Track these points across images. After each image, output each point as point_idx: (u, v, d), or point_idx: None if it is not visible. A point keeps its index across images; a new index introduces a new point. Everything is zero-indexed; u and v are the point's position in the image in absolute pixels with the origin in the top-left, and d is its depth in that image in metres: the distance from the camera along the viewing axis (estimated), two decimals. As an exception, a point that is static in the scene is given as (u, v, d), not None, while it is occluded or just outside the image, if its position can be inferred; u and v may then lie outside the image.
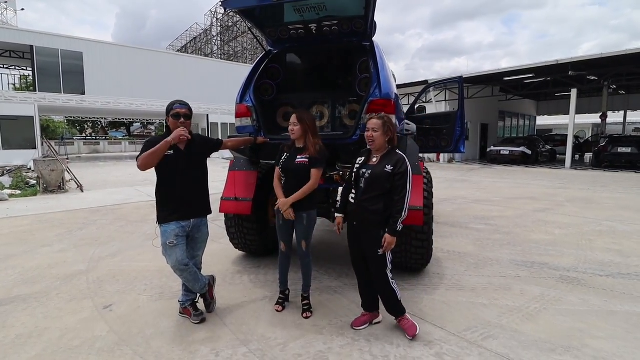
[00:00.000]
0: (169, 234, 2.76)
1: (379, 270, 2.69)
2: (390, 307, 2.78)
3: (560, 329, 2.79)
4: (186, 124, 2.84)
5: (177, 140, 2.73)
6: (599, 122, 19.83)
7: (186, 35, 48.42)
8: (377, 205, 2.60)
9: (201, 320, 2.96)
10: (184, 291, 3.03)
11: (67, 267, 4.23)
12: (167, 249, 2.78)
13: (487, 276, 3.89)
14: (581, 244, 5.06)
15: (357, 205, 2.69)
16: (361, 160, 2.77)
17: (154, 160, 2.68)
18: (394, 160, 2.60)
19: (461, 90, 4.53)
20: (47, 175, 10.00)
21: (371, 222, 2.63)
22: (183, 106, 2.85)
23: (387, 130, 2.65)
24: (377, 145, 2.68)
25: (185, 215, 2.84)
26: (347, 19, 3.58)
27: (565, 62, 15.36)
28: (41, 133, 21.46)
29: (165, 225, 2.79)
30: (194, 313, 2.98)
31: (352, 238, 2.81)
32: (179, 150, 2.82)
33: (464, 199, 8.78)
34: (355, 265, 2.90)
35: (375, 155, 2.72)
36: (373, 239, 2.63)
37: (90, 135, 43.67)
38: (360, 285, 2.94)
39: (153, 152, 2.64)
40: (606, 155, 16.22)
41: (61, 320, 3.02)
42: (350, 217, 2.79)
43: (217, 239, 5.22)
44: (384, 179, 2.58)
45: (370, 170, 2.65)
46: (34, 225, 6.33)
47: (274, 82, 4.19)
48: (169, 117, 2.82)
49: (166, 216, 2.80)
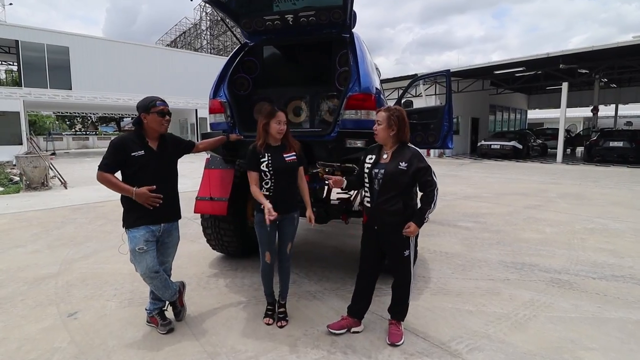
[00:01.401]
0: (138, 240, 2.57)
1: (406, 273, 2.60)
2: (400, 310, 2.67)
3: (551, 339, 2.63)
4: (169, 122, 2.67)
5: (145, 203, 2.56)
6: (591, 115, 19.87)
7: (175, 29, 47.80)
8: (396, 206, 2.46)
9: (169, 330, 2.77)
10: (152, 299, 2.84)
11: (37, 270, 4.04)
12: (136, 256, 2.58)
13: (474, 279, 3.73)
14: (573, 243, 4.93)
15: (376, 209, 2.52)
16: (371, 158, 2.59)
17: (113, 191, 2.58)
18: (408, 156, 2.46)
19: (448, 84, 4.35)
20: (30, 172, 9.78)
21: (394, 224, 2.50)
22: (165, 103, 2.67)
23: (392, 124, 2.47)
24: (381, 139, 2.54)
25: (156, 220, 2.65)
26: (325, 9, 3.38)
27: (556, 55, 15.27)
28: (29, 128, 21.11)
29: (133, 230, 2.60)
30: (161, 322, 2.78)
31: (370, 241, 2.66)
32: (151, 150, 2.63)
33: (453, 195, 8.65)
34: (363, 267, 2.74)
35: (386, 152, 2.55)
36: (399, 240, 2.52)
37: (80, 131, 43.05)
38: (358, 289, 2.78)
39: (117, 187, 2.54)
40: (598, 150, 16.21)
41: (22, 329, 2.83)
42: (369, 221, 2.62)
43: (196, 238, 5.04)
44: (398, 177, 2.44)
45: (383, 169, 2.48)
46: (12, 224, 6.17)
47: (250, 77, 3.98)
48: (150, 114, 2.58)
49: (134, 220, 2.60)
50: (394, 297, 2.71)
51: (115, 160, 2.55)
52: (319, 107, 3.94)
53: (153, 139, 2.66)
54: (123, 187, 2.53)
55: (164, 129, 2.66)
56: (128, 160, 2.56)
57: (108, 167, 2.53)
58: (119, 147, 2.57)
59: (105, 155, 2.56)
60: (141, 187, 2.57)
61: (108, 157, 2.54)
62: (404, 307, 2.68)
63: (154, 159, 2.63)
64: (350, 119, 3.11)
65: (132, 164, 2.57)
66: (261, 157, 2.71)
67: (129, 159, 2.56)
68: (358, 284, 2.77)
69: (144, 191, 2.54)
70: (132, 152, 2.56)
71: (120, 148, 2.56)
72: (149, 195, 2.55)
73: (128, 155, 2.55)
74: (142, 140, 2.62)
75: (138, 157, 2.57)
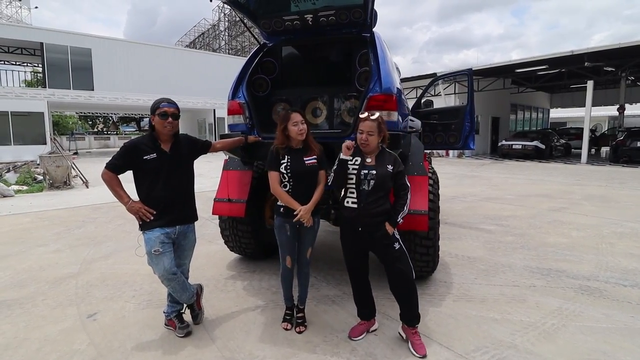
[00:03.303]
0: (154, 242, 2.56)
1: (405, 268, 2.54)
2: (410, 311, 2.58)
3: (581, 351, 2.50)
4: (174, 124, 2.61)
5: (136, 215, 2.58)
6: (616, 114, 19.20)
7: (194, 30, 48.38)
8: (384, 206, 2.53)
9: (186, 333, 2.74)
10: (170, 302, 2.83)
11: (58, 270, 4.10)
12: (153, 258, 2.57)
13: (498, 285, 3.60)
14: (601, 248, 4.72)
15: (363, 210, 2.49)
16: (357, 161, 2.55)
17: (114, 195, 2.60)
18: (392, 159, 2.56)
19: (470, 83, 4.23)
20: (53, 172, 10.03)
21: (378, 223, 2.52)
22: (171, 105, 2.61)
23: (382, 130, 2.53)
24: (372, 148, 2.53)
25: (170, 222, 2.63)
26: (345, 9, 3.31)
27: (580, 53, 14.79)
28: (52, 128, 21.68)
29: (148, 232, 2.58)
30: (179, 325, 2.76)
31: (354, 243, 2.61)
32: (163, 152, 2.60)
33: (473, 197, 8.45)
34: (352, 271, 2.71)
35: (370, 156, 2.57)
36: (384, 235, 2.52)
37: (101, 130, 44.05)
38: (356, 293, 2.74)
39: (114, 191, 2.57)
40: (624, 150, 15.64)
41: (42, 330, 2.86)
42: (353, 223, 2.56)
43: (214, 239, 5.04)
44: (387, 179, 2.51)
45: (375, 171, 2.49)
46: (35, 222, 6.32)
47: (269, 77, 3.94)
48: (155, 116, 2.56)
49: (149, 222, 2.59)
50: (400, 301, 2.61)
51: (124, 162, 2.55)
52: (338, 108, 3.87)
53: (165, 141, 2.63)
54: (120, 193, 2.56)
55: (166, 131, 2.58)
56: (139, 163, 2.55)
57: (115, 167, 2.54)
58: (131, 150, 2.56)
59: (115, 156, 2.56)
60: (154, 190, 2.57)
61: (117, 158, 2.55)
62: (414, 310, 2.57)
63: (167, 161, 2.60)
64: None
65: (144, 168, 2.55)
66: (280, 158, 2.66)
67: (141, 162, 2.54)
68: (355, 290, 2.74)
69: (138, 205, 2.56)
70: (144, 156, 2.54)
71: (131, 151, 2.56)
72: (140, 207, 2.56)
73: (140, 159, 2.54)
74: (154, 143, 2.60)
75: (150, 160, 2.54)
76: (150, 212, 2.57)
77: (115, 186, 2.55)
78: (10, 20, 32.58)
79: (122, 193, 2.55)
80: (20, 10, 35.40)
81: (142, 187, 2.61)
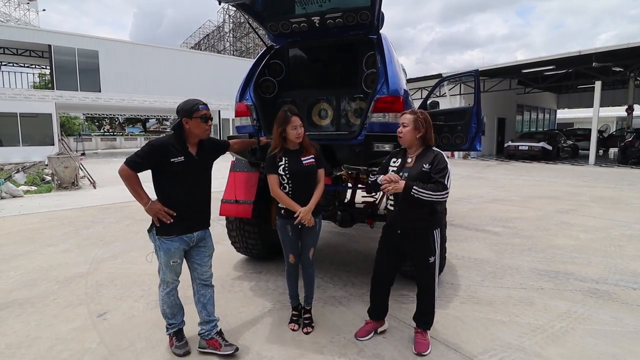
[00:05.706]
0: (173, 253, 2.45)
1: (430, 279, 2.53)
2: (425, 320, 2.60)
3: (590, 355, 2.48)
4: (211, 127, 2.53)
5: (154, 217, 2.41)
6: (624, 115, 19.02)
7: (199, 32, 48.66)
8: (422, 211, 2.42)
9: (184, 352, 2.52)
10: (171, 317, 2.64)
11: (68, 269, 4.15)
12: (168, 267, 2.48)
13: (506, 287, 3.59)
14: (610, 250, 4.69)
15: (400, 213, 2.47)
16: (396, 162, 2.54)
17: (132, 194, 2.41)
18: (431, 158, 2.42)
19: (477, 84, 4.19)
20: (61, 172, 10.13)
21: (418, 228, 2.47)
22: (207, 107, 2.51)
23: (419, 126, 2.44)
24: (406, 142, 2.49)
25: (189, 229, 2.49)
26: (352, 11, 3.32)
27: (588, 53, 14.66)
28: (60, 130, 21.88)
29: (167, 241, 2.44)
30: (176, 344, 2.56)
31: (389, 245, 2.61)
32: (191, 156, 2.48)
33: (480, 198, 8.42)
34: (379, 270, 2.69)
35: (410, 156, 2.52)
36: (423, 246, 2.48)
37: (107, 131, 44.39)
38: (375, 291, 2.73)
39: (133, 190, 2.37)
40: (633, 151, 15.48)
41: (53, 328, 2.90)
42: (392, 225, 2.57)
43: (220, 239, 5.05)
44: (423, 180, 2.37)
45: (407, 173, 2.43)
46: (44, 223, 6.38)
47: (276, 79, 3.96)
48: (193, 119, 2.41)
49: (169, 228, 2.42)
50: (419, 305, 2.64)
51: (148, 162, 2.37)
52: (345, 110, 3.88)
53: (193, 145, 2.50)
54: (139, 192, 2.37)
55: (207, 134, 2.50)
56: (165, 165, 2.39)
57: (136, 165, 2.34)
58: (159, 151, 2.39)
59: (139, 153, 2.36)
60: (177, 194, 2.43)
61: (142, 156, 2.35)
62: (430, 316, 2.60)
63: (193, 165, 2.48)
64: (378, 121, 3.04)
65: (170, 170, 2.40)
66: (278, 160, 2.68)
67: (167, 164, 2.38)
68: (373, 287, 2.74)
69: (158, 206, 2.40)
70: (172, 158, 2.38)
71: (159, 151, 2.39)
72: (160, 209, 2.39)
73: (166, 160, 2.38)
74: (182, 146, 2.45)
75: (177, 163, 2.39)
76: (171, 214, 2.41)
77: (134, 185, 2.36)
78: (18, 23, 33.01)
79: (142, 193, 2.37)
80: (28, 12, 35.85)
81: (163, 189, 2.46)
